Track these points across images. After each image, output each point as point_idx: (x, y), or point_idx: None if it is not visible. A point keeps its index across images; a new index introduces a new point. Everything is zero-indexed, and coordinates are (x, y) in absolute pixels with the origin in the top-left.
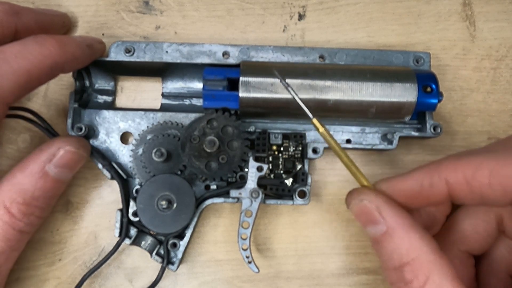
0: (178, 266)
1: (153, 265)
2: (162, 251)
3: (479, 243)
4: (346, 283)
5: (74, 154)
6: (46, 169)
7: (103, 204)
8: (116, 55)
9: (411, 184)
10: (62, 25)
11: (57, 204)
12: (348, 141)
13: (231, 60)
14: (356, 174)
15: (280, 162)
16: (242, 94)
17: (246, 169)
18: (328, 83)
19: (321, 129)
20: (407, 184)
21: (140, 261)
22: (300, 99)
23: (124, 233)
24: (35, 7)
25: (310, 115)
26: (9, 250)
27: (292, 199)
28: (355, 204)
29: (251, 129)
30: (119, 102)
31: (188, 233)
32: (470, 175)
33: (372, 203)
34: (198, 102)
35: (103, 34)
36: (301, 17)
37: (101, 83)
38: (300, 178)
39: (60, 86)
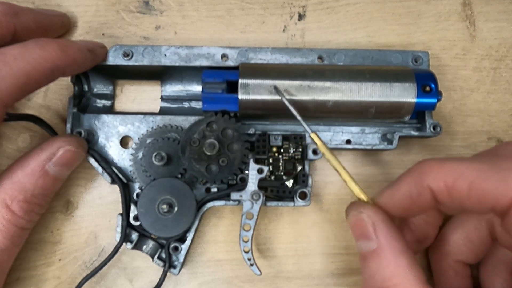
0: (180, 270)
1: (153, 265)
2: (163, 255)
3: (473, 252)
4: (346, 283)
5: (74, 153)
6: (47, 168)
7: (103, 204)
8: (114, 59)
9: (401, 196)
10: (61, 25)
11: (57, 204)
12: (348, 141)
13: (230, 63)
14: (356, 189)
15: (280, 164)
16: (241, 96)
17: (246, 172)
18: (327, 84)
19: (323, 149)
20: (399, 197)
21: (140, 261)
22: (302, 118)
23: (123, 237)
24: (35, 7)
25: (309, 130)
26: (12, 247)
27: (293, 200)
28: (353, 215)
29: (251, 131)
30: (118, 106)
31: (190, 237)
32: (451, 184)
33: (369, 218)
34: (198, 105)
35: (103, 34)
36: (301, 17)
37: (100, 88)
38: (301, 179)
39: (60, 86)
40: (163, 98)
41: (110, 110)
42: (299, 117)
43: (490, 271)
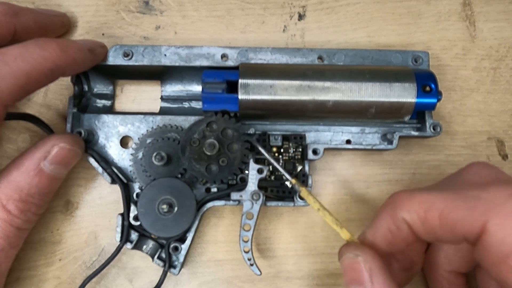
0: (180, 270)
1: (153, 265)
2: (163, 255)
3: (464, 261)
4: None
5: (69, 151)
6: (41, 166)
7: (103, 204)
8: (114, 59)
9: (382, 232)
10: (61, 25)
11: (57, 204)
12: (348, 141)
13: (230, 63)
14: (345, 231)
15: (280, 164)
16: (241, 96)
17: (246, 172)
18: (327, 84)
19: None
20: (380, 234)
21: (140, 261)
22: (279, 164)
23: (125, 238)
24: (35, 7)
25: (289, 178)
26: (8, 247)
27: (293, 200)
28: (349, 257)
29: (251, 131)
30: (118, 106)
31: (190, 237)
32: (423, 215)
33: (367, 263)
34: (198, 105)
35: (103, 34)
36: (301, 17)
37: (100, 88)
38: (301, 179)
39: (60, 86)
40: (163, 98)
41: (110, 110)
42: (278, 166)
43: (485, 274)
